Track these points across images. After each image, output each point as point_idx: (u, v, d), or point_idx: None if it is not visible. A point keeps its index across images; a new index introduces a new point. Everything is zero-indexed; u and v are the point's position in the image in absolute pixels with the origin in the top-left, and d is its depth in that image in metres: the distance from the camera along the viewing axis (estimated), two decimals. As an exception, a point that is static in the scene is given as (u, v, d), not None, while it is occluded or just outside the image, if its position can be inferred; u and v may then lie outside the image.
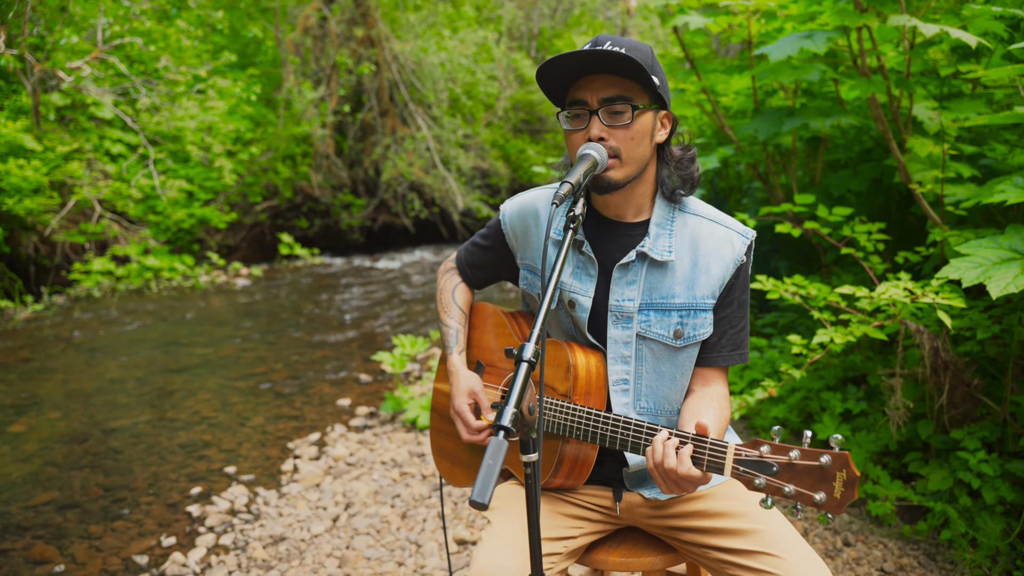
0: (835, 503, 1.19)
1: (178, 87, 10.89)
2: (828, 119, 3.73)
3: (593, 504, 1.71)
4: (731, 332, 1.64)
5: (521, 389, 1.08)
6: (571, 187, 1.34)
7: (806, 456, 1.21)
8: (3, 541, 3.34)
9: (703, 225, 1.64)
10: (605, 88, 1.51)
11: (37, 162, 8.59)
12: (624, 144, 1.53)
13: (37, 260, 8.94)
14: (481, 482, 0.96)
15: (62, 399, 5.26)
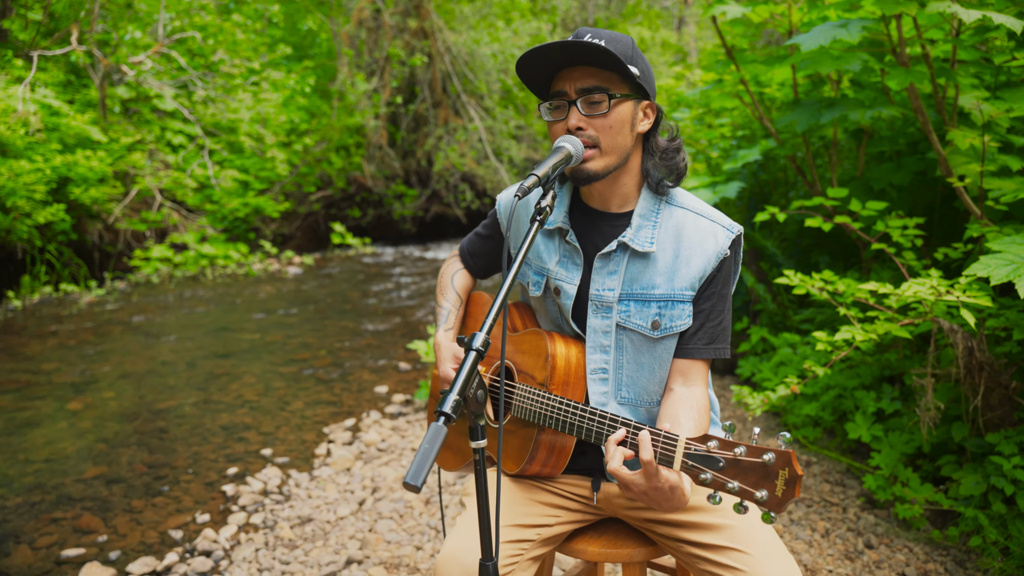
0: (776, 501, 1.18)
1: (234, 80, 11.20)
2: (868, 110, 3.63)
3: (571, 493, 1.73)
4: (709, 325, 1.62)
5: (466, 377, 1.11)
6: (537, 179, 1.36)
7: (751, 453, 1.20)
8: (56, 510, 3.53)
9: (688, 218, 1.63)
10: (583, 79, 1.53)
11: (103, 153, 8.97)
12: (602, 133, 1.54)
13: (101, 247, 9.34)
14: (416, 465, 0.99)
15: (117, 379, 5.50)
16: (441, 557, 1.52)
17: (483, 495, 1.16)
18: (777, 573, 1.41)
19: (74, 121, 8.87)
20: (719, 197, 4.57)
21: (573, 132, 1.53)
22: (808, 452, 3.68)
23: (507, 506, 1.64)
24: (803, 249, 4.73)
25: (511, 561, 1.55)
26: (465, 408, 1.14)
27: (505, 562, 1.54)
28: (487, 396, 1.19)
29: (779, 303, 4.62)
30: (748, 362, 4.60)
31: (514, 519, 1.62)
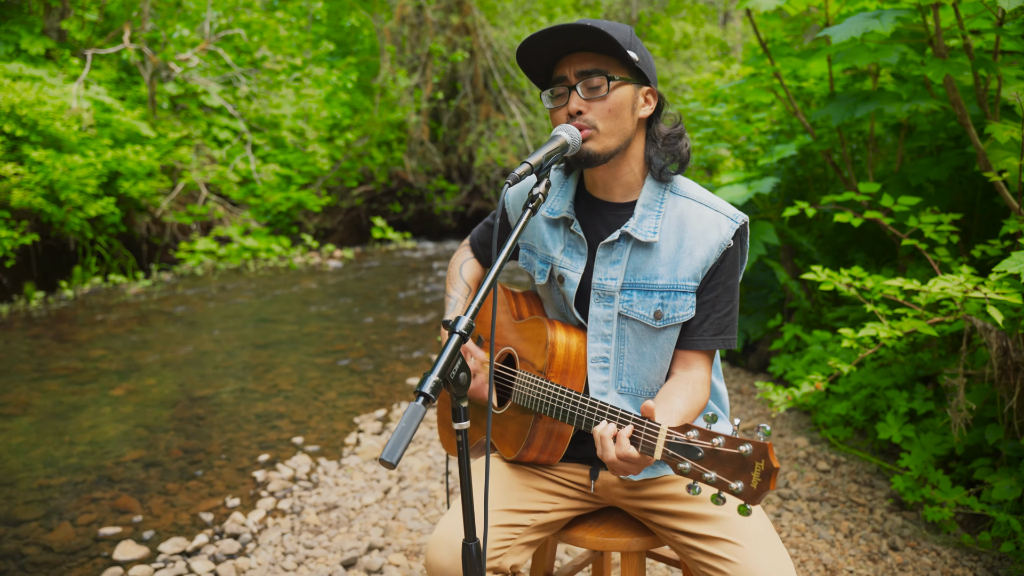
0: (752, 493, 1.17)
1: (277, 76, 11.41)
2: (905, 104, 3.54)
3: (570, 481, 1.73)
4: (714, 316, 1.61)
5: (448, 359, 1.13)
6: (529, 167, 1.37)
7: (730, 444, 1.19)
8: (96, 490, 3.67)
9: (692, 207, 1.62)
10: (582, 63, 1.54)
11: (151, 148, 9.22)
12: (601, 117, 1.54)
13: (149, 239, 9.62)
14: (392, 442, 1.01)
15: (159, 367, 5.67)
16: (432, 538, 1.55)
17: (466, 476, 1.18)
18: (767, 565, 1.40)
19: (124, 117, 9.14)
20: (753, 193, 4.51)
21: (573, 116, 1.54)
22: (837, 452, 3.61)
23: (503, 491, 1.66)
24: (839, 246, 4.64)
25: (503, 544, 1.57)
26: (448, 390, 1.16)
27: (496, 545, 1.56)
28: (470, 379, 1.20)
29: (813, 300, 4.54)
30: (781, 360, 4.53)
31: (509, 504, 1.63)
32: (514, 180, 1.34)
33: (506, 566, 1.58)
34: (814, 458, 3.53)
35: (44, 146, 8.32)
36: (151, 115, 10.02)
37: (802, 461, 3.53)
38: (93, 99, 9.05)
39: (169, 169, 9.99)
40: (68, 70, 9.72)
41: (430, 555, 1.55)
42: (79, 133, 8.48)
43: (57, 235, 8.43)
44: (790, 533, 2.88)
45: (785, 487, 3.26)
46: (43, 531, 3.29)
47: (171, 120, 10.32)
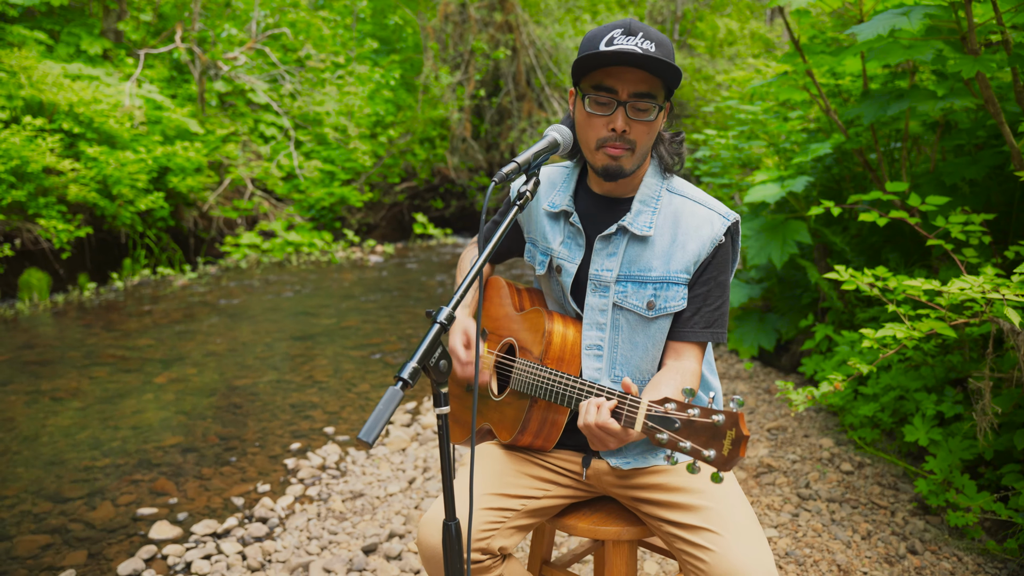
0: (723, 460, 1.22)
1: (322, 73, 11.63)
2: (939, 102, 3.47)
3: (563, 468, 1.79)
4: (705, 309, 1.66)
5: (427, 347, 1.18)
6: (517, 166, 1.42)
7: (704, 414, 1.25)
8: (136, 473, 3.83)
9: (687, 205, 1.69)
10: (637, 83, 1.54)
11: (199, 144, 9.50)
12: (641, 138, 1.60)
13: (196, 233, 9.92)
14: (370, 423, 1.08)
15: (200, 357, 5.86)
16: (423, 518, 1.63)
17: (447, 459, 1.23)
18: (744, 555, 1.43)
19: (174, 114, 9.44)
20: (786, 191, 4.47)
21: (618, 133, 1.57)
22: (863, 454, 3.57)
23: (495, 476, 1.72)
24: (873, 246, 4.56)
25: (491, 527, 1.64)
26: (428, 376, 1.22)
27: (485, 527, 1.63)
28: (451, 366, 1.26)
29: (845, 301, 4.48)
30: (812, 360, 4.49)
31: (500, 488, 1.70)
32: (501, 179, 1.39)
33: (494, 547, 1.65)
34: (838, 459, 3.50)
35: (99, 143, 8.65)
36: (200, 112, 10.32)
37: (825, 462, 3.50)
38: (145, 97, 9.36)
39: (216, 165, 10.28)
40: (123, 69, 10.07)
41: (420, 534, 1.63)
42: (131, 130, 8.78)
43: (109, 228, 8.75)
44: (806, 533, 2.87)
45: (805, 487, 3.25)
46: (87, 509, 3.46)
47: (219, 117, 10.62)
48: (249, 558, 2.94)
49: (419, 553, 1.66)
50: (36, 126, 7.99)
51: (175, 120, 9.44)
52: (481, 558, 1.63)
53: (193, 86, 10.59)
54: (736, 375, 5.00)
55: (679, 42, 17.96)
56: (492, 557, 1.66)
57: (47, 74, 8.38)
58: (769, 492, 3.22)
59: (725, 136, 6.17)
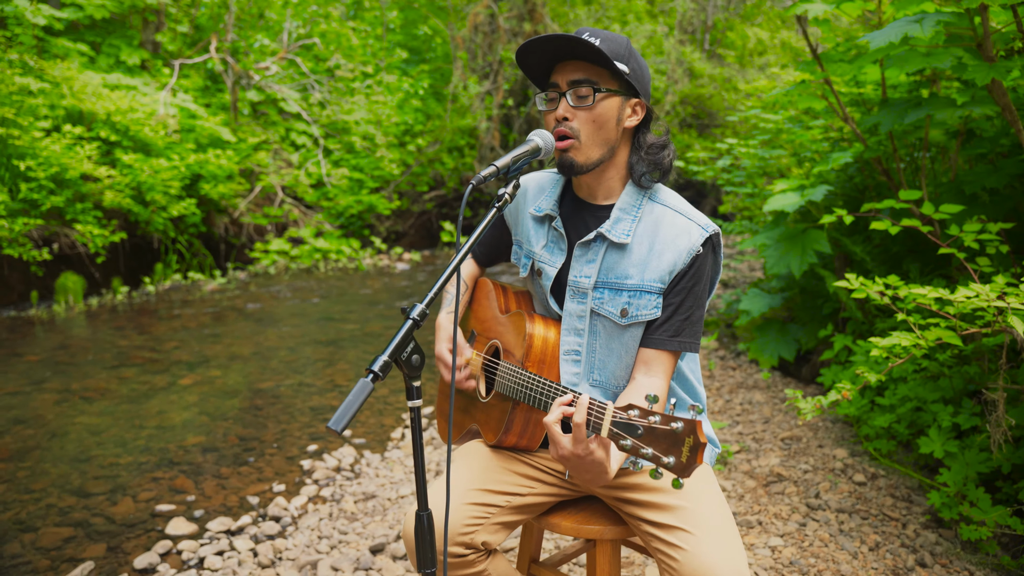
0: (681, 467, 1.23)
1: (351, 83, 11.82)
2: (958, 110, 3.44)
3: (547, 467, 1.82)
4: (676, 318, 1.66)
5: (399, 341, 1.22)
6: (496, 170, 1.46)
7: (664, 421, 1.26)
8: (158, 471, 3.93)
9: (667, 214, 1.69)
10: (574, 72, 1.61)
11: (231, 152, 9.72)
12: (585, 126, 1.62)
13: (227, 239, 10.12)
14: (340, 412, 1.13)
15: (225, 360, 5.98)
16: (409, 512, 1.66)
17: (419, 451, 1.26)
18: (715, 554, 1.44)
19: (207, 123, 9.66)
20: (805, 201, 4.45)
21: (560, 122, 1.62)
22: (877, 465, 3.53)
23: (481, 472, 1.76)
24: (895, 256, 4.51)
25: (475, 522, 1.67)
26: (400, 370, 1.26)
27: (469, 521, 1.66)
28: (423, 361, 1.29)
29: (865, 311, 4.44)
30: (831, 371, 4.44)
31: (485, 484, 1.73)
32: (478, 182, 1.43)
33: (477, 542, 1.68)
34: (851, 470, 3.46)
35: (134, 150, 8.89)
36: (232, 121, 10.54)
37: (837, 472, 3.46)
38: (179, 106, 9.60)
39: (248, 172, 10.49)
40: (160, 79, 10.35)
41: (404, 526, 1.68)
42: (165, 138, 9.02)
43: (143, 234, 8.98)
44: (812, 543, 2.85)
45: (815, 497, 3.22)
46: (108, 504, 3.56)
47: (251, 126, 10.84)
48: (260, 555, 3.00)
49: (404, 543, 1.70)
50: (75, 134, 8.24)
51: (208, 128, 9.66)
52: (465, 552, 1.66)
53: (226, 95, 10.84)
54: (754, 384, 4.96)
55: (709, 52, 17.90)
56: (476, 552, 1.69)
57: (87, 84, 8.65)
58: (777, 501, 3.20)
59: (747, 145, 6.14)
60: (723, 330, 6.46)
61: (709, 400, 4.74)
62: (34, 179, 7.76)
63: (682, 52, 16.50)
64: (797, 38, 15.64)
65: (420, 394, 1.27)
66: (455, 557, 1.65)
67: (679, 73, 16.50)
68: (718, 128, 16.98)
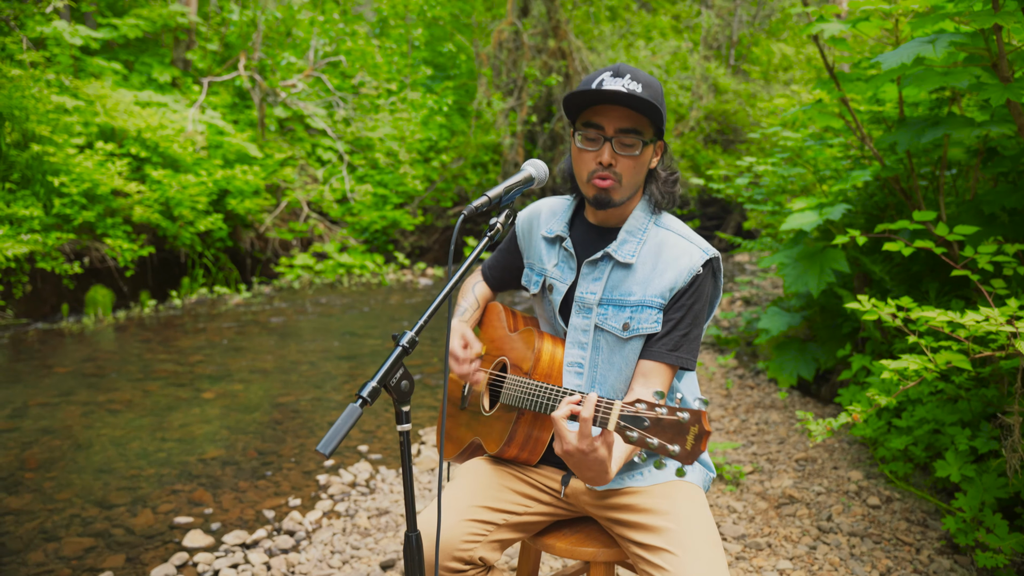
0: (686, 454, 1.28)
1: (376, 100, 11.99)
2: (976, 129, 3.41)
3: (544, 485, 1.86)
4: (675, 333, 1.73)
5: (389, 367, 1.26)
6: (488, 200, 1.51)
7: (670, 412, 1.31)
8: (178, 483, 4.00)
9: (671, 238, 1.79)
10: (621, 120, 1.67)
11: (258, 167, 9.90)
12: (627, 172, 1.72)
13: (253, 253, 10.28)
14: (328, 436, 1.17)
15: (248, 374, 6.08)
16: None
17: (408, 474, 1.30)
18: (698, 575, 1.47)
19: (234, 139, 9.86)
20: (823, 219, 4.43)
21: (605, 167, 1.70)
22: (893, 488, 3.49)
23: (479, 488, 1.81)
24: (915, 275, 4.46)
25: (474, 538, 1.72)
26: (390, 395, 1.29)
27: (468, 538, 1.71)
28: (412, 386, 1.33)
29: (884, 331, 4.39)
30: (848, 391, 4.40)
31: (483, 501, 1.78)
32: (470, 212, 1.48)
33: (475, 557, 1.72)
34: (866, 493, 3.42)
35: (163, 166, 9.09)
36: (260, 137, 10.74)
37: (852, 495, 3.42)
38: (208, 123, 9.81)
39: (274, 188, 10.67)
40: (190, 96, 10.58)
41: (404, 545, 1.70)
42: (193, 154, 9.21)
43: (170, 248, 9.16)
44: (823, 566, 2.82)
45: (827, 520, 3.19)
46: (128, 515, 3.63)
47: (278, 142, 11.04)
48: (273, 568, 3.04)
49: None
50: (107, 151, 8.46)
51: (235, 144, 9.86)
52: (463, 568, 1.70)
53: (254, 112, 11.05)
54: (771, 404, 4.93)
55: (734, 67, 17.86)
56: (475, 567, 1.73)
57: (119, 102, 8.89)
58: (788, 523, 3.18)
59: (766, 163, 6.13)
60: (743, 348, 6.42)
61: (725, 420, 4.71)
62: (67, 194, 7.97)
63: (707, 68, 16.51)
64: (823, 53, 15.58)
65: (409, 419, 1.31)
66: (454, 572, 1.69)
67: (704, 89, 16.50)
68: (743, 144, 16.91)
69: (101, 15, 11.27)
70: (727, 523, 3.20)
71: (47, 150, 7.85)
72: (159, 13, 10.67)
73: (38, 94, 7.96)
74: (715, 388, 5.37)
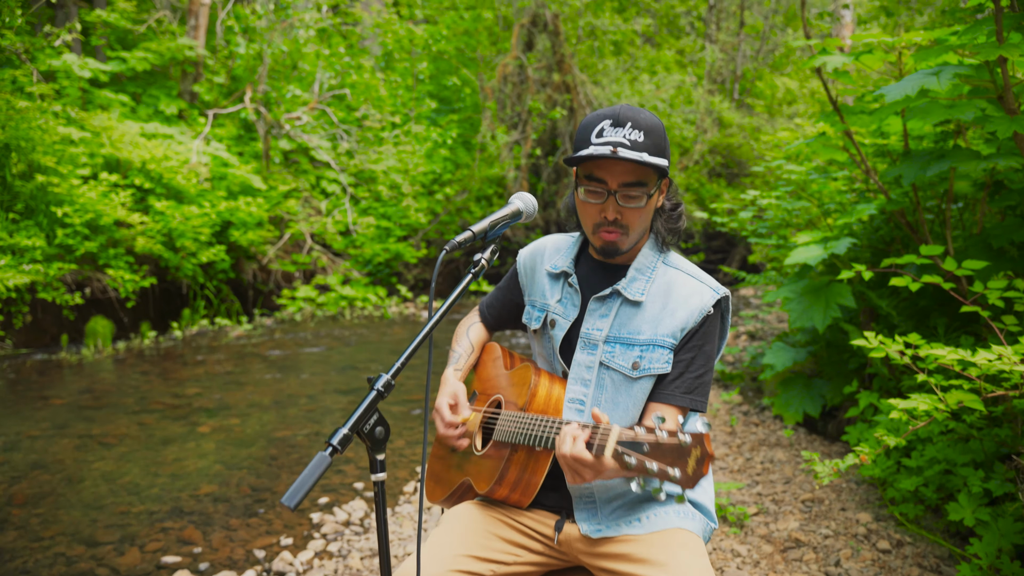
0: (687, 478, 1.23)
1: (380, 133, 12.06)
2: (982, 162, 3.36)
3: (536, 532, 1.77)
4: (688, 375, 1.69)
5: (362, 413, 1.19)
6: (472, 235, 1.46)
7: (671, 436, 1.26)
8: (168, 520, 3.90)
9: (680, 277, 1.76)
10: (625, 174, 1.64)
11: (261, 199, 9.91)
12: (633, 222, 1.69)
13: (255, 285, 10.25)
14: (294, 487, 1.08)
15: (245, 408, 5.99)
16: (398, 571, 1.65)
17: (383, 527, 1.22)
18: None
19: (239, 171, 9.89)
20: (828, 254, 4.36)
21: (610, 221, 1.67)
22: (904, 531, 3.36)
23: (466, 536, 1.72)
24: (922, 311, 4.38)
25: None
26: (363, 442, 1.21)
27: None
28: (388, 433, 1.26)
29: (891, 367, 4.30)
30: (856, 429, 4.29)
31: (470, 550, 1.69)
32: (452, 248, 1.43)
33: None
34: (875, 536, 3.30)
35: (167, 197, 9.11)
36: (264, 169, 10.78)
37: (860, 538, 3.30)
38: (212, 154, 9.85)
39: (277, 219, 10.68)
40: (196, 128, 10.65)
41: None
42: (197, 186, 9.23)
43: (172, 279, 9.13)
44: (832, 615, 2.70)
45: (835, 565, 3.07)
46: (115, 554, 3.53)
47: (282, 174, 11.07)
48: (260, 613, 2.93)
49: None
50: (111, 182, 8.49)
51: (239, 176, 9.89)
52: None
53: (259, 144, 11.11)
54: (776, 442, 4.81)
55: (738, 101, 17.95)
56: None
57: (124, 134, 8.94)
58: (795, 568, 3.06)
59: (770, 196, 6.09)
60: (747, 384, 6.32)
61: (729, 458, 4.60)
62: (70, 225, 7.97)
63: (711, 102, 16.59)
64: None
65: (384, 467, 1.23)
66: None
67: (708, 123, 16.56)
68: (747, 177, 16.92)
69: (111, 48, 11.41)
70: (731, 568, 3.08)
71: (51, 180, 7.87)
72: (168, 46, 10.79)
73: (44, 125, 8.01)
74: (719, 425, 5.26)
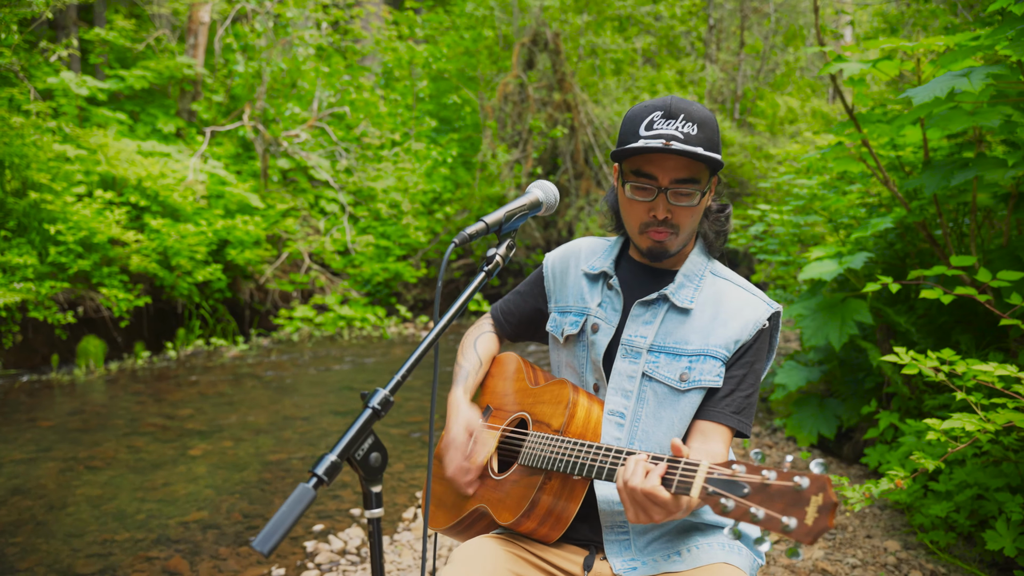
0: (806, 530, 1.01)
1: (380, 151, 11.94)
2: (1009, 171, 3.21)
3: (563, 570, 1.59)
4: (738, 393, 1.55)
5: (353, 436, 1.01)
6: (485, 226, 1.31)
7: (782, 477, 1.05)
8: (153, 549, 3.70)
9: (729, 287, 1.64)
10: (677, 169, 1.51)
11: (259, 218, 9.75)
12: (684, 220, 1.56)
13: (252, 305, 10.06)
14: (269, 528, 0.90)
15: (239, 430, 5.79)
16: None
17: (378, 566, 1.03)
18: None
19: (236, 189, 9.75)
20: (843, 268, 4.20)
21: (659, 220, 1.54)
22: (936, 560, 3.16)
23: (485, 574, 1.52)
24: (941, 327, 4.21)
25: None
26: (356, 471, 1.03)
27: None
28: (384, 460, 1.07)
29: (912, 386, 4.11)
30: (876, 451, 4.10)
31: None
32: (462, 240, 1.28)
33: None
34: (906, 566, 3.10)
35: (163, 215, 8.95)
36: (263, 187, 10.64)
37: (891, 568, 3.10)
38: (210, 172, 9.71)
39: (275, 239, 10.51)
40: (193, 146, 10.53)
41: None
42: (194, 204, 9.08)
43: (167, 298, 8.95)
44: (867, 655, 2.50)
45: (867, 599, 2.87)
46: (95, 588, 3.33)
47: (281, 192, 10.93)
48: (248, 651, 2.73)
49: None
50: (105, 199, 8.33)
51: (237, 195, 9.74)
52: None
53: (258, 162, 10.98)
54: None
55: (739, 120, 17.89)
56: None
57: (121, 151, 8.80)
58: (825, 603, 2.86)
59: (780, 211, 5.94)
60: (759, 404, 6.12)
61: (745, 481, 4.40)
62: (63, 243, 7.81)
63: (712, 122, 16.52)
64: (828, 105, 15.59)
65: (380, 502, 1.04)
66: None
67: (709, 142, 16.48)
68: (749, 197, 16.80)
69: (109, 67, 11.32)
70: (754, 601, 2.87)
71: (45, 198, 7.72)
72: (166, 65, 10.70)
73: (39, 142, 7.87)
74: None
